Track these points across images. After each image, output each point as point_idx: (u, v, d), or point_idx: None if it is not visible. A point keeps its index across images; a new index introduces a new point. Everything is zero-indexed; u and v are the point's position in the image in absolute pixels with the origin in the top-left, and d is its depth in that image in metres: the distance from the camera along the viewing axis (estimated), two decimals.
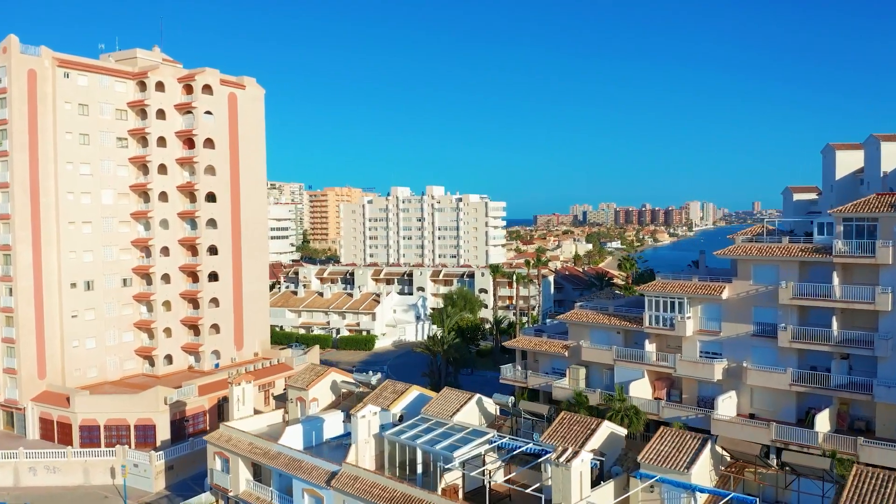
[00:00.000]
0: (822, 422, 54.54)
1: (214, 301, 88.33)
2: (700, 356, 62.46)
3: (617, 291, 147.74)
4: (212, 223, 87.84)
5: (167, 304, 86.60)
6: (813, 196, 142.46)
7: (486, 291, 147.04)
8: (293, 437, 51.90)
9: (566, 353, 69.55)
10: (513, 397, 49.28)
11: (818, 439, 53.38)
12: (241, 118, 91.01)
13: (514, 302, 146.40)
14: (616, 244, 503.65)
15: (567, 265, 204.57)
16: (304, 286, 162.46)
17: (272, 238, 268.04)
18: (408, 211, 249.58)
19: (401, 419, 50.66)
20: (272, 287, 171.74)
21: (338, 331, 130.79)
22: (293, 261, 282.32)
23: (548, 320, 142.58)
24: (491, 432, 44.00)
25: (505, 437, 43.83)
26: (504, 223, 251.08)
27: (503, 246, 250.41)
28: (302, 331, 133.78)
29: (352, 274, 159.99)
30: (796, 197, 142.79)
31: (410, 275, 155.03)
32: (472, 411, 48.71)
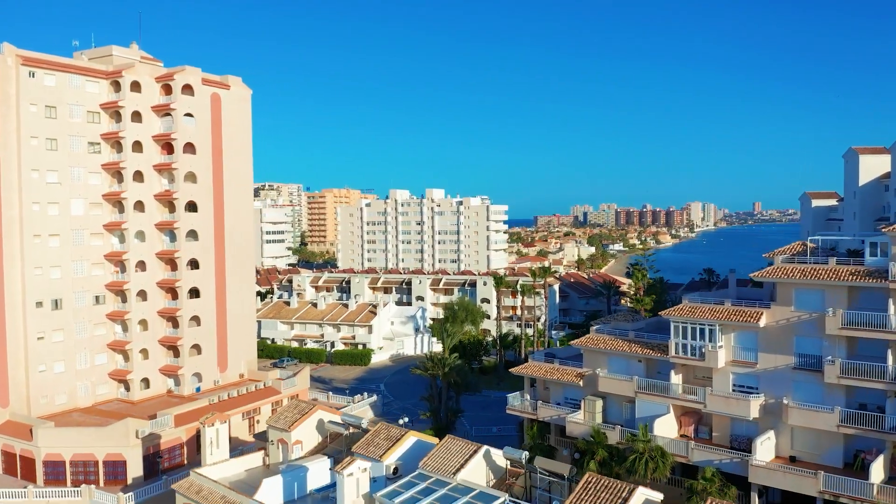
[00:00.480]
0: (877, 470, 47.74)
1: (195, 319, 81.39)
2: (733, 390, 55.58)
3: (628, 304, 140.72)
4: (193, 235, 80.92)
5: (144, 324, 79.71)
6: (832, 202, 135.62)
7: (488, 301, 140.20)
8: (272, 490, 45.05)
9: (581, 383, 62.66)
10: (527, 453, 42.31)
11: (873, 491, 46.60)
12: (226, 120, 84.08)
13: (518, 312, 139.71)
14: (618, 246, 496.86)
15: (571, 271, 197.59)
16: (299, 295, 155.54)
17: (267, 242, 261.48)
18: (407, 214, 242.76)
19: (395, 472, 43.75)
20: (265, 295, 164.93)
21: (332, 344, 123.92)
22: (289, 265, 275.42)
23: (553, 332, 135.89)
24: (502, 496, 37.07)
25: None
26: (506, 227, 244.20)
27: (505, 250, 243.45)
28: (295, 344, 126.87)
29: (348, 282, 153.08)
30: (815, 203, 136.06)
31: (409, 283, 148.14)
32: (478, 466, 41.85)
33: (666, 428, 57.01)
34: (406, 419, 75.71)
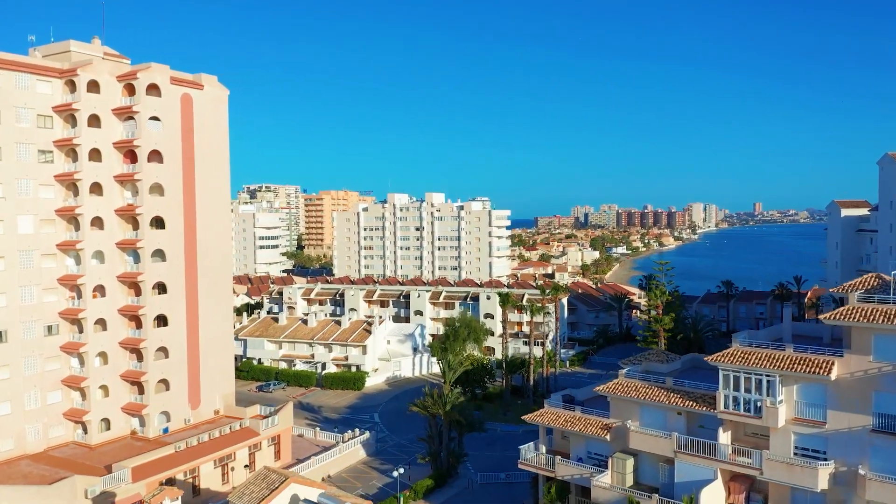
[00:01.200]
0: None
1: (163, 351, 71.71)
2: (795, 454, 46.03)
3: (639, 316, 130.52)
4: (159, 255, 71.23)
5: (103, 356, 70.05)
6: (864, 211, 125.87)
7: (492, 317, 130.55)
8: None
9: (608, 437, 53.01)
10: None
11: None
12: (199, 124, 74.36)
13: (524, 328, 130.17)
14: (621, 249, 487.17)
15: (577, 280, 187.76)
16: (290, 308, 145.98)
17: (261, 248, 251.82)
18: (406, 219, 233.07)
19: None
20: (254, 308, 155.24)
21: (323, 365, 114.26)
22: (284, 271, 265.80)
23: (563, 350, 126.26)
24: None
25: None
26: (508, 232, 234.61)
27: (507, 257, 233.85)
28: (283, 364, 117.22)
29: (342, 294, 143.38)
30: (845, 213, 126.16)
31: (407, 296, 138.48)
32: None
33: (713, 497, 47.43)
34: (401, 470, 66.17)
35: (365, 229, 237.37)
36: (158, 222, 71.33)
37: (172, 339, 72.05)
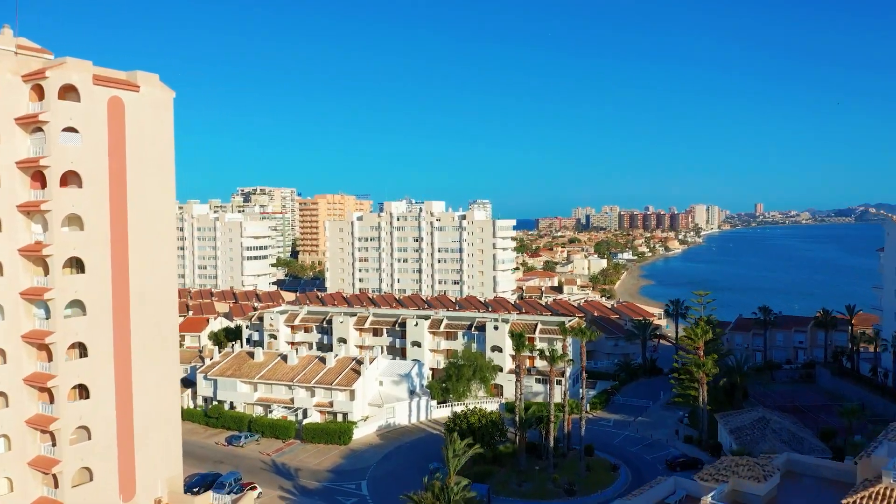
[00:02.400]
0: None
1: (85, 430, 55.45)
2: None
3: (680, 355, 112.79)
4: (78, 306, 54.99)
5: (6, 440, 53.81)
6: None
7: (500, 350, 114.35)
8: None
9: None
10: None
11: None
12: (134, 135, 58.07)
13: (536, 363, 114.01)
14: (627, 255, 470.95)
15: (592, 301, 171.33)
16: (272, 336, 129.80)
17: (248, 259, 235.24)
18: (403, 229, 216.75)
19: None
20: (233, 335, 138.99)
21: (305, 412, 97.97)
22: (274, 283, 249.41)
23: (581, 391, 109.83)
24: None
25: None
26: (513, 244, 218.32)
27: (513, 270, 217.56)
28: (259, 409, 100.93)
29: (329, 321, 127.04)
30: None
31: (403, 324, 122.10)
32: None
33: None
34: None
35: (359, 240, 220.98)
36: (77, 264, 55.04)
37: (96, 414, 55.70)
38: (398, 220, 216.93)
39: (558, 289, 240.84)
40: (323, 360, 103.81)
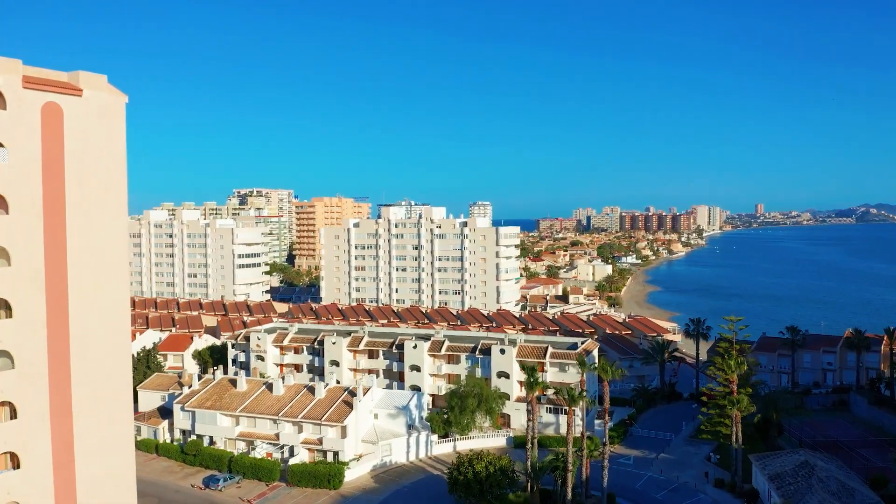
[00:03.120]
0: None
1: None
2: None
3: (716, 387, 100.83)
4: (4, 357, 45.19)
5: None
6: None
7: (507, 376, 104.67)
8: None
9: None
10: None
11: None
12: (76, 148, 48.28)
13: (546, 391, 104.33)
14: (631, 259, 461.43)
15: (602, 315, 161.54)
16: (260, 357, 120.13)
17: (240, 267, 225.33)
18: (402, 237, 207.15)
19: None
20: (221, 354, 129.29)
21: (291, 450, 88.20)
22: (268, 291, 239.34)
23: (597, 422, 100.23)
24: None
25: None
26: (517, 252, 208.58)
27: (517, 280, 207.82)
28: (241, 445, 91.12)
29: (321, 342, 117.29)
30: None
31: (401, 346, 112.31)
32: None
33: None
34: None
35: (356, 247, 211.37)
36: (5, 306, 45.26)
37: (29, 487, 45.87)
38: (397, 226, 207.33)
39: (563, 298, 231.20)
40: (312, 390, 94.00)
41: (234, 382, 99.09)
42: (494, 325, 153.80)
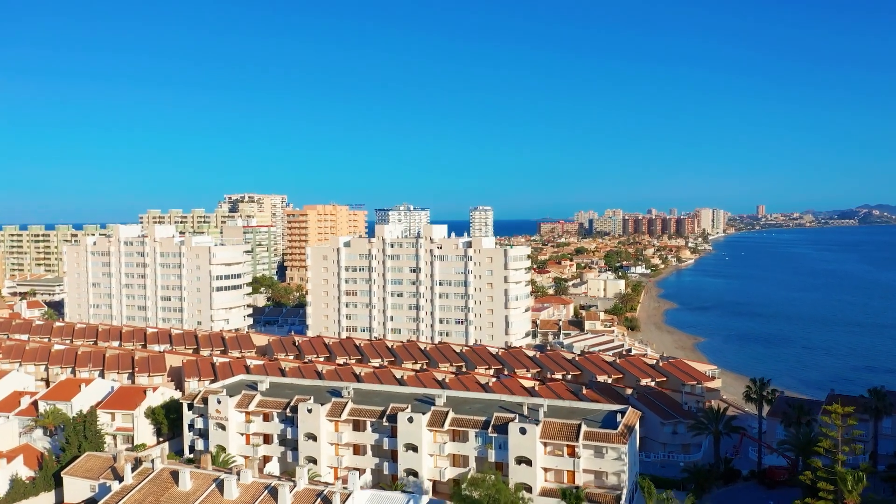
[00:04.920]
0: None
1: None
2: None
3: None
4: None
5: None
6: None
7: (528, 462, 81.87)
8: None
9: None
10: None
11: None
12: None
13: (576, 478, 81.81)
14: (640, 269, 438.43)
15: (632, 358, 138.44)
16: (220, 426, 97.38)
17: (218, 290, 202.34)
18: (398, 258, 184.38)
19: None
20: (176, 416, 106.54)
21: None
22: (251, 315, 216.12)
23: None
24: None
25: None
26: (528, 276, 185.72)
27: (528, 309, 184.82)
28: None
29: (294, 409, 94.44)
30: None
31: (393, 417, 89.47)
32: None
33: None
34: None
35: (347, 269, 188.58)
36: None
37: None
38: (392, 246, 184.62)
39: (578, 323, 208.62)
40: (275, 493, 71.17)
41: (175, 476, 76.13)
42: (505, 372, 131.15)
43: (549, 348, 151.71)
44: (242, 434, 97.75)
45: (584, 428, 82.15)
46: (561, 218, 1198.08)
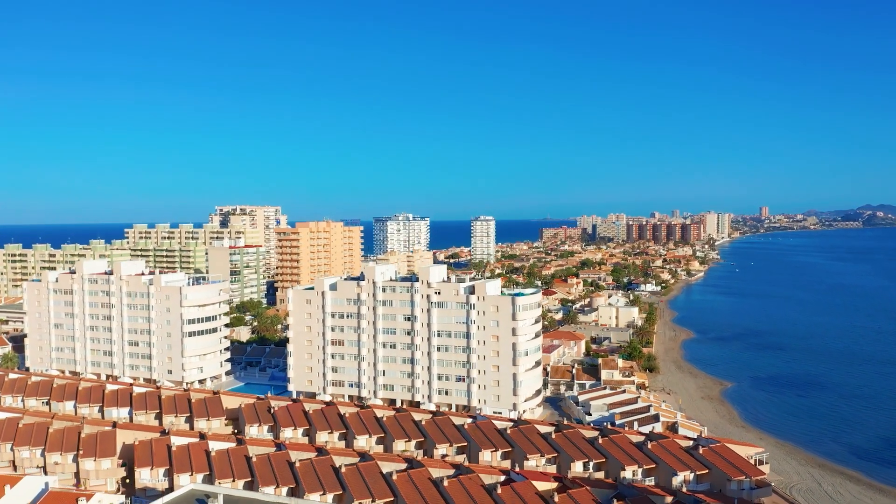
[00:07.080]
0: None
1: None
2: None
3: None
4: None
5: None
6: None
7: None
8: None
9: None
10: None
11: None
12: None
13: None
14: (650, 287, 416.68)
15: (663, 435, 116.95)
16: None
17: (190, 335, 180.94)
18: (391, 304, 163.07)
19: None
20: None
21: None
22: (229, 359, 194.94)
23: None
24: None
25: None
26: (539, 327, 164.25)
27: (539, 363, 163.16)
28: None
29: None
30: None
31: None
32: None
33: None
34: None
35: (333, 316, 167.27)
36: None
37: None
38: (384, 290, 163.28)
39: (592, 369, 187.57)
40: None
41: None
42: (516, 455, 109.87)
43: (565, 422, 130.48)
44: None
45: None
46: (562, 218, 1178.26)
